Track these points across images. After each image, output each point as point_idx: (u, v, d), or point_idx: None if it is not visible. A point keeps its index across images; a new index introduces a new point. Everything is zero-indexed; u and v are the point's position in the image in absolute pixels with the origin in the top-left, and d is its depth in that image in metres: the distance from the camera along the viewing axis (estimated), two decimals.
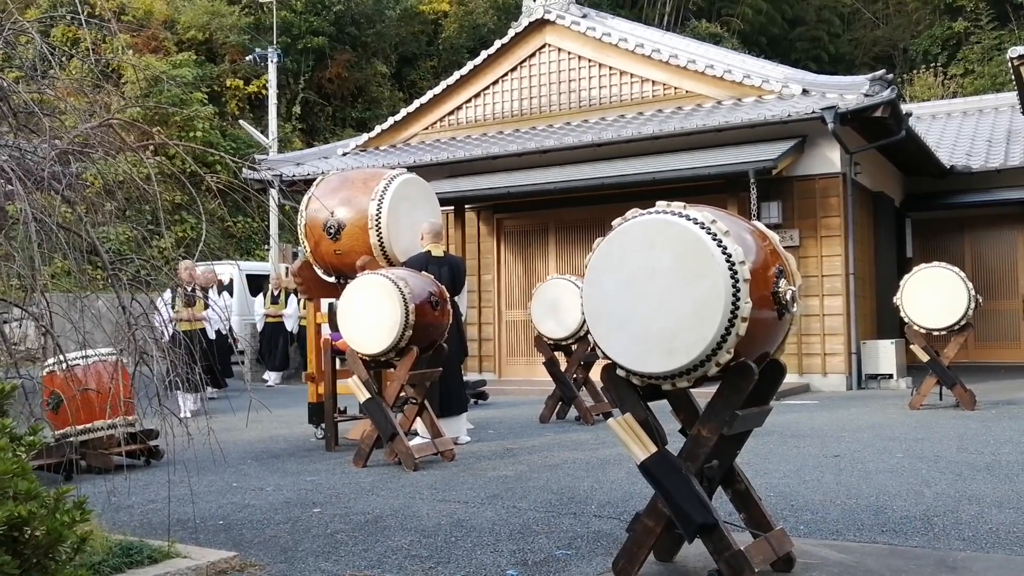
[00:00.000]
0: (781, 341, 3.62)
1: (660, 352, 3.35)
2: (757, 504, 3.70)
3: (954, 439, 7.19)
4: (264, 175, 14.35)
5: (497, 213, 14.07)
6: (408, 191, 7.68)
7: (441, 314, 6.58)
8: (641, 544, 3.53)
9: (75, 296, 3.83)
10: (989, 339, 15.40)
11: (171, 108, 17.67)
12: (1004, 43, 25.14)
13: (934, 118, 17.60)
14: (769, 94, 12.55)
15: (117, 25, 6.96)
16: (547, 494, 5.36)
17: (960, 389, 9.16)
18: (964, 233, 15.99)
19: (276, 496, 5.56)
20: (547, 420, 8.93)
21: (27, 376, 3.74)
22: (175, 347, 3.72)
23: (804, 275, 11.50)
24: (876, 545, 4.09)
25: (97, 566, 3.52)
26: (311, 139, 24.38)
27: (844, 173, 12.08)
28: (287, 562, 4.04)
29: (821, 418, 8.86)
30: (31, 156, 3.66)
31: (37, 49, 3.80)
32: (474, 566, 3.91)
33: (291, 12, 24.77)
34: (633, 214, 3.53)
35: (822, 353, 12.07)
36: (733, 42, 28.26)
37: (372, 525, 4.70)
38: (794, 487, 5.41)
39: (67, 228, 3.53)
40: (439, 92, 15.14)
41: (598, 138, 12.62)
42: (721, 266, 3.23)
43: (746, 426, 3.61)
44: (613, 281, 3.47)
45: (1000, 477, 5.57)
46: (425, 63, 28.89)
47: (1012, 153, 14.90)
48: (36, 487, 2.40)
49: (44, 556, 2.35)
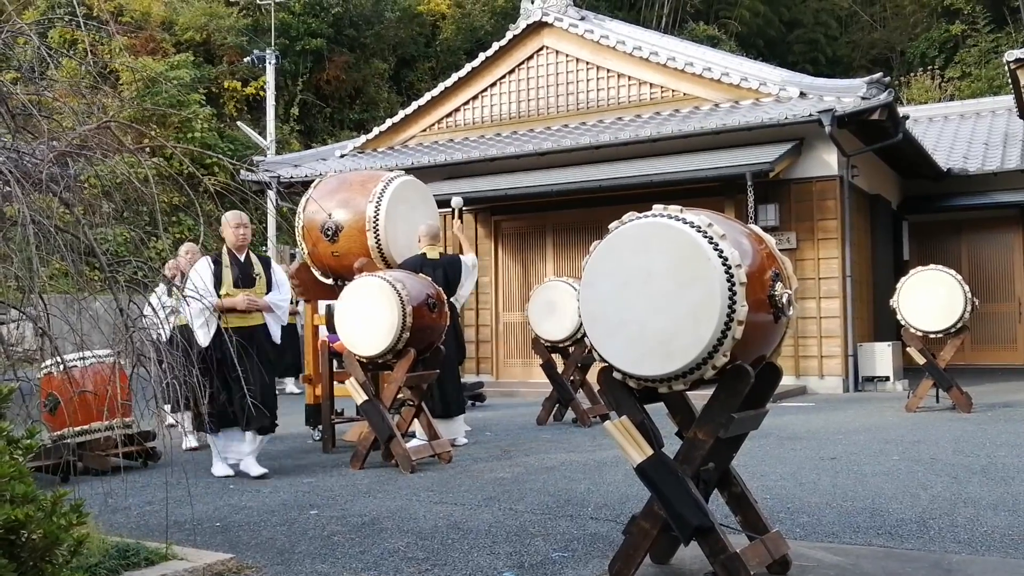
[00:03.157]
0: (777, 344, 3.63)
1: (656, 355, 3.35)
2: (753, 507, 3.70)
3: (950, 441, 7.20)
4: (262, 177, 14.35)
5: (495, 215, 14.08)
6: (406, 193, 7.68)
7: (438, 316, 6.59)
8: (637, 547, 3.53)
9: (73, 298, 3.83)
10: (985, 342, 15.42)
11: (168, 110, 17.66)
12: (1001, 46, 25.17)
13: (931, 121, 17.63)
14: (766, 97, 12.57)
15: (115, 27, 6.98)
16: (544, 496, 5.36)
17: (956, 392, 9.18)
18: (961, 236, 16.01)
19: (273, 498, 5.56)
20: (544, 422, 8.93)
21: (24, 378, 3.73)
22: (173, 349, 3.66)
23: (801, 278, 11.52)
24: (872, 547, 4.10)
25: (94, 568, 3.52)
26: (309, 141, 24.36)
27: (841, 176, 12.10)
28: (284, 564, 4.05)
29: (817, 420, 8.87)
30: (29, 158, 3.66)
31: (35, 51, 3.80)
32: (470, 568, 3.91)
33: (289, 14, 24.76)
34: (630, 217, 3.54)
35: (819, 356, 12.08)
36: (731, 45, 28.28)
37: (369, 527, 4.70)
38: (790, 490, 5.41)
39: (65, 230, 3.53)
40: (437, 94, 15.15)
41: (596, 140, 12.63)
42: (717, 269, 3.24)
43: (742, 429, 3.62)
44: (610, 284, 3.48)
45: (996, 480, 5.58)
46: (423, 65, 28.88)
47: (1009, 156, 14.92)
48: (33, 490, 2.40)
49: (41, 559, 2.35)
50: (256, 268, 6.50)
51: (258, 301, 6.39)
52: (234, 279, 6.37)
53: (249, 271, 6.45)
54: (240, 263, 6.43)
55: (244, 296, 6.31)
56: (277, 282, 6.57)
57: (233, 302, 6.28)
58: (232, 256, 6.45)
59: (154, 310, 3.78)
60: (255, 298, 6.38)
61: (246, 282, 6.40)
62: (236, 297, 6.30)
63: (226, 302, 6.26)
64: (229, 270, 6.37)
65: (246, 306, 6.31)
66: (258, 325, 6.43)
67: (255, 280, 6.45)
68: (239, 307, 6.27)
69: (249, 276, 6.43)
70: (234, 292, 6.32)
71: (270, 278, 6.54)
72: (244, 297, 6.31)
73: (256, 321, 6.42)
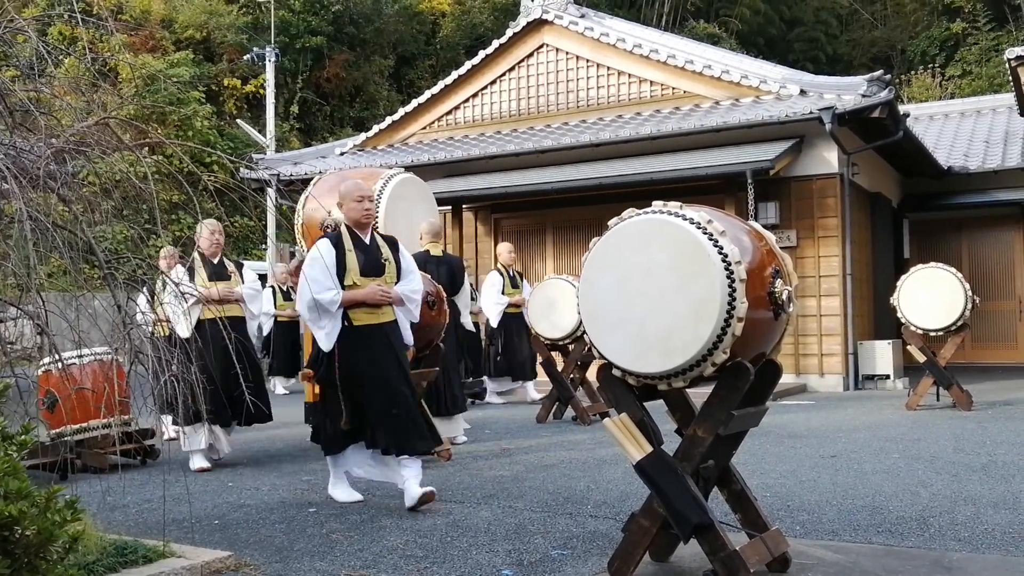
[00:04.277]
0: (777, 341, 3.62)
1: (656, 352, 3.34)
2: (753, 504, 3.69)
3: (950, 440, 7.19)
4: (261, 174, 14.35)
5: (495, 213, 14.07)
6: (406, 191, 7.66)
7: (438, 314, 6.57)
8: (637, 544, 3.52)
9: (71, 295, 3.82)
10: (986, 340, 15.41)
11: (168, 107, 17.66)
12: (1002, 44, 25.16)
13: (932, 119, 17.62)
14: (767, 94, 12.55)
15: (114, 24, 6.97)
16: (543, 494, 5.36)
17: (957, 390, 9.17)
18: (961, 234, 16.00)
19: (272, 496, 5.56)
20: (544, 420, 8.93)
21: (23, 375, 3.72)
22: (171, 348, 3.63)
23: (801, 276, 11.51)
24: (872, 546, 4.09)
25: (91, 566, 3.51)
26: (309, 139, 24.37)
27: (841, 174, 12.08)
28: (282, 562, 4.04)
29: (818, 418, 8.86)
30: (27, 154, 3.65)
31: (34, 48, 3.79)
32: (470, 566, 3.90)
33: (289, 11, 24.78)
34: (629, 214, 3.52)
35: (819, 354, 12.07)
36: (731, 43, 28.26)
37: (368, 525, 4.70)
38: (790, 487, 5.40)
39: (63, 227, 3.52)
40: (437, 92, 15.14)
41: (596, 138, 12.62)
42: (717, 266, 3.23)
43: (742, 426, 3.61)
44: (609, 281, 3.47)
45: (996, 478, 5.57)
46: (423, 63, 28.89)
47: (1009, 154, 14.91)
48: (27, 486, 2.39)
49: (35, 556, 2.35)
50: (384, 252, 5.26)
51: (392, 292, 5.16)
52: (361, 266, 5.12)
53: (377, 255, 5.20)
54: (365, 245, 5.20)
55: (376, 286, 5.10)
56: (407, 269, 5.34)
57: (363, 295, 5.06)
58: (355, 237, 5.18)
59: (150, 307, 3.77)
60: (388, 288, 5.15)
61: (374, 269, 5.17)
62: (365, 288, 5.07)
63: (354, 295, 5.04)
64: (353, 255, 5.12)
65: (380, 298, 5.11)
66: (390, 322, 5.21)
67: (384, 266, 5.21)
68: (369, 300, 5.08)
69: (378, 262, 5.18)
70: (362, 282, 5.08)
71: (399, 263, 5.32)
72: (376, 287, 5.10)
73: (388, 317, 5.19)
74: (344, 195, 5.23)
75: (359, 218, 5.19)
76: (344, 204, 5.22)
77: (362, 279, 5.08)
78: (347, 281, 5.03)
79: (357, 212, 5.18)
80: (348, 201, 5.20)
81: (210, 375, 5.59)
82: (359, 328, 5.06)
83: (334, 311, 4.98)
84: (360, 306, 5.05)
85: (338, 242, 5.12)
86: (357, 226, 5.21)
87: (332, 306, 4.96)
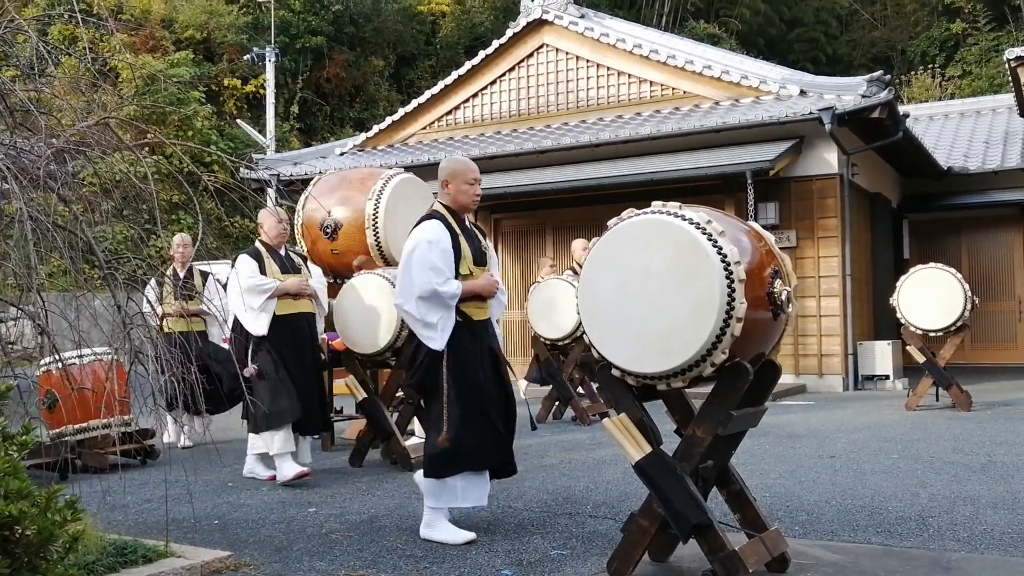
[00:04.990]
0: (776, 341, 3.62)
1: (655, 352, 3.34)
2: (752, 504, 3.70)
3: (950, 440, 7.20)
4: (261, 175, 14.35)
5: (494, 213, 14.07)
6: (406, 191, 7.67)
7: None
8: (636, 544, 3.53)
9: (71, 295, 3.82)
10: (985, 340, 15.41)
11: (168, 107, 17.66)
12: (1002, 45, 25.14)
13: (931, 119, 17.62)
14: (767, 95, 12.56)
15: (115, 24, 6.98)
16: (543, 494, 5.36)
17: (956, 390, 9.17)
18: (961, 234, 16.00)
19: (271, 496, 5.56)
20: (543, 420, 8.93)
21: (23, 375, 3.73)
22: (171, 347, 3.63)
23: (801, 276, 11.51)
24: (871, 546, 4.09)
25: (91, 565, 3.51)
26: (309, 139, 24.36)
27: (841, 174, 12.09)
28: (282, 562, 4.04)
29: (817, 419, 8.86)
30: (27, 154, 3.66)
31: (34, 47, 3.80)
32: (469, 566, 3.90)
33: (289, 12, 24.78)
34: (629, 214, 3.53)
35: (819, 354, 12.07)
36: (731, 43, 28.24)
37: (367, 525, 4.70)
38: (789, 488, 5.41)
39: (63, 227, 3.53)
40: (437, 92, 15.14)
41: (596, 138, 12.62)
42: (716, 266, 3.23)
43: (741, 426, 3.62)
44: (608, 281, 3.47)
45: (995, 478, 5.57)
46: (423, 63, 28.88)
47: (1009, 154, 14.92)
48: (27, 486, 2.39)
49: (35, 555, 2.35)
50: (481, 239, 4.76)
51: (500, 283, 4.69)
52: (474, 254, 4.57)
53: (479, 243, 4.68)
54: (470, 231, 4.66)
55: (490, 276, 4.62)
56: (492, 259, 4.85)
57: (480, 286, 4.50)
58: (461, 225, 4.61)
59: (151, 307, 3.77)
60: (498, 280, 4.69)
61: (482, 258, 4.65)
62: (479, 278, 4.52)
63: (472, 285, 4.46)
64: (465, 241, 4.54)
65: (494, 290, 4.60)
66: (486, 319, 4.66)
67: (485, 255, 4.70)
68: (485, 292, 4.54)
69: (480, 250, 4.65)
70: (476, 271, 4.54)
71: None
72: (490, 277, 4.61)
73: (488, 313, 4.66)
74: (453, 174, 4.59)
75: (468, 202, 4.60)
76: (452, 184, 4.58)
77: (476, 268, 4.51)
78: (462, 270, 4.43)
79: (468, 196, 4.58)
80: (458, 182, 4.57)
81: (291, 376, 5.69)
82: (476, 324, 4.47)
83: (452, 304, 4.36)
84: (474, 299, 4.48)
85: (451, 228, 4.49)
86: (463, 210, 4.62)
87: (454, 300, 4.35)
